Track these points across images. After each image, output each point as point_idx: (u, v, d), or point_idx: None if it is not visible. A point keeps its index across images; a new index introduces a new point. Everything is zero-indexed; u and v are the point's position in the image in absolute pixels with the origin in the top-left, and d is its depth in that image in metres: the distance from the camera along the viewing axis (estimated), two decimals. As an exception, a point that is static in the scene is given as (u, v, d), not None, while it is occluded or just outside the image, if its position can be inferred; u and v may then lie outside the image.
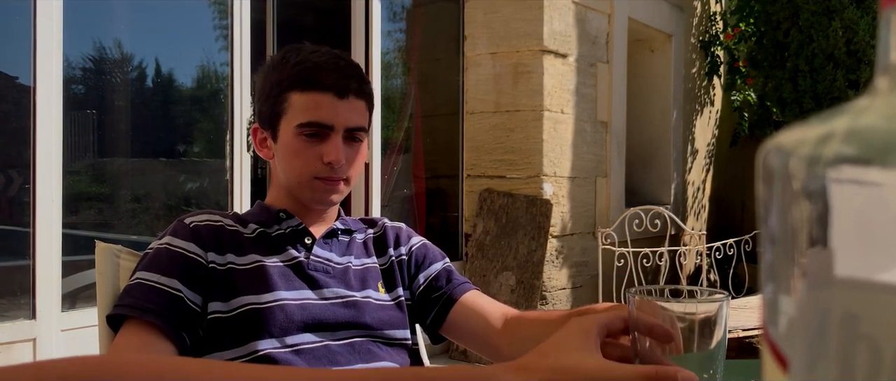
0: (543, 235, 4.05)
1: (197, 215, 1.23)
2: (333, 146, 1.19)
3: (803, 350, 0.24)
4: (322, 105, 1.18)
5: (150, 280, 1.12)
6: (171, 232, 1.19)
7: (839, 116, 0.24)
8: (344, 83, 1.19)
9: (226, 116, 3.43)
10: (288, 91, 1.19)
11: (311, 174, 1.20)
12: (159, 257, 1.15)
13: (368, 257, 1.30)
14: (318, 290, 1.20)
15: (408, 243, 1.34)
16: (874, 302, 0.22)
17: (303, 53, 1.21)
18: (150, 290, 1.11)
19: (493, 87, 4.28)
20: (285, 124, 1.20)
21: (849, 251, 0.22)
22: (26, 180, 2.65)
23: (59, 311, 2.67)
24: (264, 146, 1.27)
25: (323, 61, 1.20)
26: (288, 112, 1.20)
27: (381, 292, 1.27)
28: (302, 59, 1.20)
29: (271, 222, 1.25)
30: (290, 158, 1.21)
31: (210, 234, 1.19)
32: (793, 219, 0.24)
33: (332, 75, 1.19)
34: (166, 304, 1.10)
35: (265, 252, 1.21)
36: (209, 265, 1.16)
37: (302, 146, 1.19)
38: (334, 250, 1.26)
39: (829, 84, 4.60)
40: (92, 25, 3.11)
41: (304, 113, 1.18)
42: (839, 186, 0.22)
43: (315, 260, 1.23)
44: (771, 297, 0.25)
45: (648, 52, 5.54)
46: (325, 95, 1.18)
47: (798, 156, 0.23)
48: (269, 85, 1.22)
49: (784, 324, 0.24)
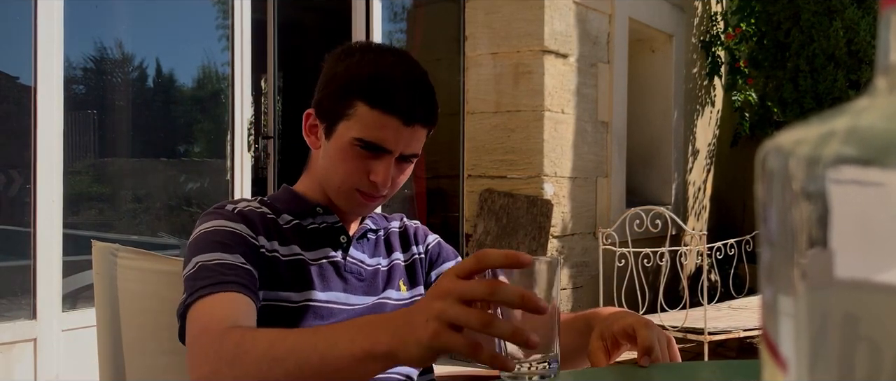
0: (544, 235, 4.05)
1: (235, 202, 1.19)
2: (385, 167, 1.14)
3: (803, 352, 0.24)
4: (386, 127, 1.12)
5: (214, 259, 1.05)
6: (217, 216, 1.13)
7: (839, 117, 0.24)
8: (414, 110, 1.13)
9: (226, 117, 3.43)
10: (356, 98, 1.13)
11: (353, 185, 1.16)
12: (214, 237, 1.09)
13: (393, 252, 1.29)
14: (347, 294, 1.19)
15: (425, 242, 1.34)
16: (874, 303, 0.22)
17: (382, 62, 1.15)
18: (219, 266, 1.04)
19: (494, 87, 4.28)
20: (344, 128, 1.14)
21: (849, 252, 0.22)
22: (27, 180, 2.65)
23: (60, 311, 2.67)
24: (313, 134, 1.21)
25: (400, 79, 1.13)
26: (350, 118, 1.14)
27: (403, 289, 1.26)
28: (380, 71, 1.13)
29: (306, 215, 1.21)
30: (337, 162, 1.16)
31: (257, 219, 1.15)
32: (792, 220, 0.24)
33: (405, 99, 1.12)
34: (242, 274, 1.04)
35: (304, 246, 1.18)
36: (260, 248, 1.12)
37: (354, 157, 1.14)
38: (366, 250, 1.25)
39: (829, 84, 4.60)
40: (93, 25, 3.11)
41: (366, 130, 1.12)
42: (839, 187, 0.22)
43: (351, 262, 1.21)
44: (770, 298, 0.25)
45: (649, 53, 5.54)
46: (393, 118, 1.12)
47: (797, 156, 0.23)
48: (337, 80, 1.16)
49: (783, 325, 0.24)
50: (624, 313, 1.07)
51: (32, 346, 2.59)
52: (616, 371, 1.01)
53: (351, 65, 1.16)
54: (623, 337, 1.02)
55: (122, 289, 1.27)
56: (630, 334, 1.01)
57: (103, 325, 1.26)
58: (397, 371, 1.20)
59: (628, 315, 1.05)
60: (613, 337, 1.03)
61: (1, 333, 2.51)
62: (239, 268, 1.05)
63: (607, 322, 1.05)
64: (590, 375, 1.03)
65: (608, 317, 1.07)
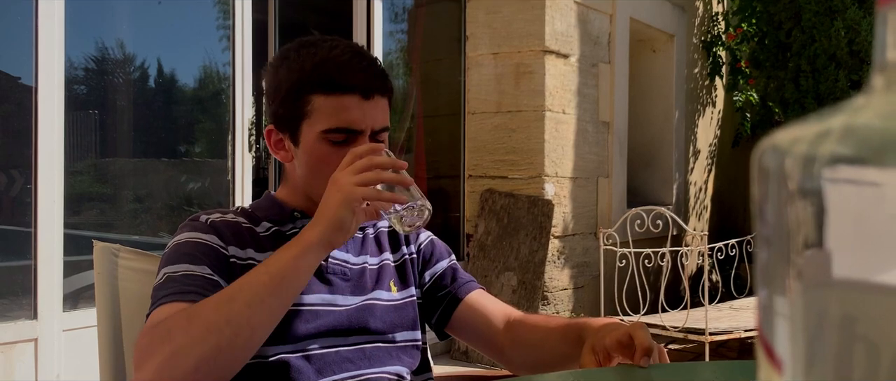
0: (545, 235, 4.04)
1: (210, 212, 1.19)
2: None
3: (798, 352, 0.23)
4: (348, 108, 1.11)
5: (180, 271, 1.07)
6: (188, 228, 1.15)
7: (835, 115, 0.24)
8: (369, 82, 1.12)
9: (228, 117, 3.44)
10: (310, 93, 1.12)
11: None
12: (183, 249, 1.11)
13: (382, 252, 1.28)
14: (333, 295, 1.18)
15: (416, 241, 1.33)
16: (871, 303, 0.22)
17: (321, 50, 1.14)
18: (184, 277, 1.06)
19: (495, 87, 4.28)
20: (308, 128, 1.13)
21: (845, 252, 0.22)
22: (28, 180, 2.65)
23: (61, 311, 2.67)
24: (281, 148, 1.20)
25: (345, 59, 1.13)
26: (311, 116, 1.13)
27: (393, 290, 1.25)
28: (322, 59, 1.13)
29: (285, 221, 1.21)
30: (316, 164, 1.15)
31: (228, 229, 1.15)
32: (788, 219, 0.23)
33: (356, 75, 1.12)
34: (205, 285, 1.06)
35: None
36: (230, 259, 1.12)
37: (328, 152, 1.13)
38: (350, 249, 1.23)
39: (831, 84, 4.59)
40: (94, 25, 3.11)
41: (330, 118, 1.12)
42: (835, 186, 0.22)
43: (333, 263, 1.20)
44: (766, 298, 0.25)
45: (650, 53, 5.53)
46: (351, 97, 1.11)
47: (794, 155, 0.23)
48: (286, 85, 1.14)
49: (779, 326, 0.24)
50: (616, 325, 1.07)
51: (33, 346, 2.59)
52: (616, 371, 1.01)
53: (291, 66, 1.15)
54: (616, 349, 1.01)
55: (122, 289, 1.27)
56: (624, 343, 1.00)
57: (104, 325, 1.26)
58: (388, 370, 1.19)
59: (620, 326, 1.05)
60: (605, 350, 1.02)
61: (2, 333, 2.51)
62: (203, 279, 1.06)
63: (599, 335, 1.04)
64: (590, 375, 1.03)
65: (600, 329, 1.06)
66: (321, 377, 1.12)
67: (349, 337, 1.17)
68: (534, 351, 1.22)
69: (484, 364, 3.72)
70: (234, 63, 3.40)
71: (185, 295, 1.03)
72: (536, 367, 1.22)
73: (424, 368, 1.28)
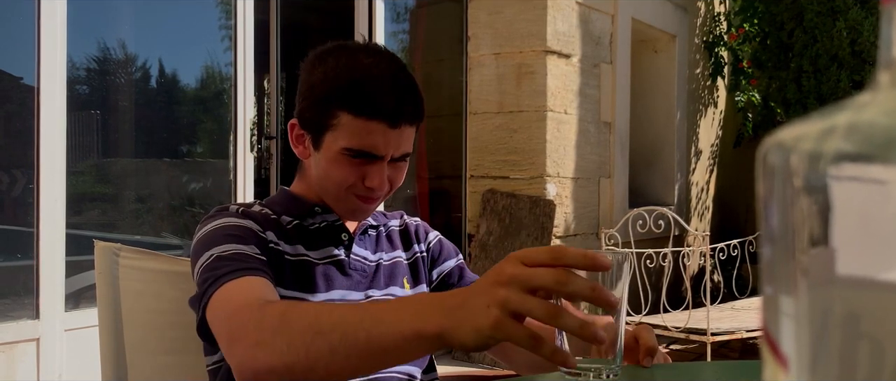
0: (547, 235, 4.04)
1: (237, 205, 1.18)
2: (378, 172, 1.13)
3: (804, 350, 0.23)
4: (373, 133, 1.10)
5: (229, 251, 1.03)
6: (221, 216, 1.12)
7: (840, 112, 0.24)
8: (399, 110, 1.10)
9: (229, 117, 3.44)
10: (338, 108, 1.10)
11: (350, 192, 1.15)
12: (225, 231, 1.08)
13: (395, 250, 1.28)
14: (354, 292, 1.18)
15: (426, 239, 1.33)
16: (876, 301, 0.22)
17: (358, 63, 1.11)
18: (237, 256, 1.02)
19: (497, 87, 4.28)
20: (331, 139, 1.12)
21: (850, 250, 0.22)
22: (30, 180, 2.65)
23: (63, 311, 2.67)
24: (300, 144, 1.19)
25: (380, 82, 1.10)
26: (336, 129, 1.11)
27: (406, 287, 1.25)
28: (358, 76, 1.10)
29: (306, 215, 1.20)
30: (331, 171, 1.14)
31: (261, 217, 1.14)
32: (793, 217, 0.23)
33: (388, 100, 1.09)
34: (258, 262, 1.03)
35: (308, 246, 1.17)
36: (270, 243, 1.11)
37: (345, 165, 1.12)
38: (368, 246, 1.24)
39: (833, 85, 4.59)
40: (96, 26, 3.12)
41: (353, 139, 1.10)
42: (840, 184, 0.22)
43: (355, 259, 1.21)
44: (771, 296, 0.25)
45: (652, 53, 5.53)
46: (379, 123, 1.09)
47: (799, 152, 0.23)
48: (316, 91, 1.13)
49: (784, 323, 0.24)
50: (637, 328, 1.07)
51: (35, 346, 2.60)
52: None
53: (328, 71, 1.12)
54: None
55: (124, 289, 1.27)
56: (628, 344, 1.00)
57: (105, 325, 1.26)
58: (400, 370, 1.19)
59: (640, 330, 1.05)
60: None
61: (4, 332, 2.51)
62: (256, 258, 1.04)
63: None
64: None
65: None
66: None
67: None
68: None
69: (485, 364, 3.72)
70: (235, 63, 3.40)
71: (248, 271, 0.99)
72: (540, 367, 1.22)
73: (431, 367, 1.28)
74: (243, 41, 3.39)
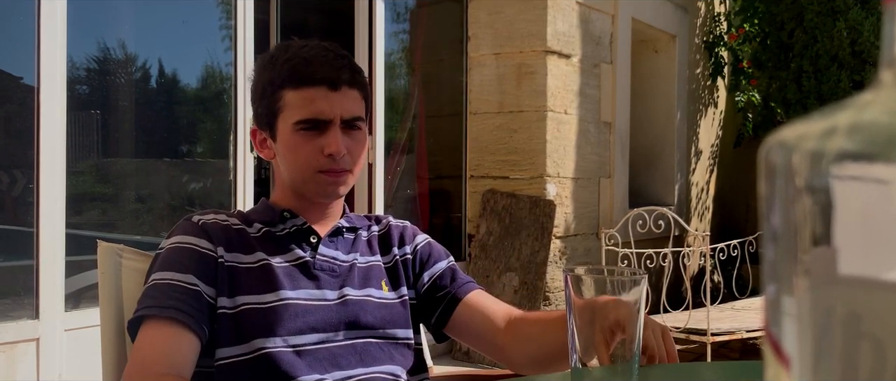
0: (547, 235, 4.04)
1: (203, 213, 1.24)
2: (333, 138, 1.18)
3: (806, 349, 0.23)
4: (316, 99, 1.18)
5: (166, 279, 1.13)
6: (180, 231, 1.20)
7: (842, 111, 0.24)
8: (335, 74, 1.18)
9: (229, 117, 3.44)
10: (281, 89, 1.19)
11: (313, 168, 1.20)
12: (171, 255, 1.16)
13: (373, 255, 1.29)
14: (322, 290, 1.20)
15: (413, 242, 1.33)
16: (878, 301, 0.22)
17: (292, 50, 1.21)
18: (168, 287, 1.12)
19: (497, 87, 4.28)
20: (282, 123, 1.20)
21: (852, 249, 0.22)
22: (30, 180, 2.65)
23: (63, 311, 2.67)
24: (265, 147, 1.27)
25: (312, 55, 1.19)
26: (284, 110, 1.19)
27: (385, 289, 1.26)
28: (291, 56, 1.19)
29: (276, 221, 1.25)
30: (291, 155, 1.20)
31: (218, 230, 1.20)
32: (795, 216, 0.23)
33: (322, 68, 1.18)
34: (185, 298, 1.11)
35: (271, 251, 1.21)
36: (219, 260, 1.17)
37: (301, 142, 1.19)
38: (340, 247, 1.26)
39: (833, 85, 4.59)
40: (96, 25, 3.12)
41: (300, 109, 1.18)
42: (842, 183, 0.22)
43: (321, 259, 1.23)
44: (773, 296, 0.25)
45: (652, 53, 5.53)
46: (318, 88, 1.18)
47: (801, 151, 0.23)
48: (262, 85, 1.22)
49: (786, 323, 0.24)
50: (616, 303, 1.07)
51: (35, 346, 2.60)
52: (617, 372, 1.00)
53: (267, 67, 1.22)
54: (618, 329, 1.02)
55: (126, 290, 1.27)
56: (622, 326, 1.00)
57: (107, 325, 1.26)
58: (383, 369, 1.19)
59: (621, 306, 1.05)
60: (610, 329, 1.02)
61: (4, 332, 2.51)
62: (186, 291, 1.12)
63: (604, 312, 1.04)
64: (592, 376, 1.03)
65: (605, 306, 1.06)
66: (313, 373, 1.13)
67: (338, 333, 1.18)
68: (535, 344, 1.22)
69: (485, 364, 3.72)
70: (235, 63, 3.40)
71: (164, 310, 1.09)
72: (539, 362, 1.21)
73: (420, 368, 1.28)
74: (243, 41, 3.39)
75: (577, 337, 0.83)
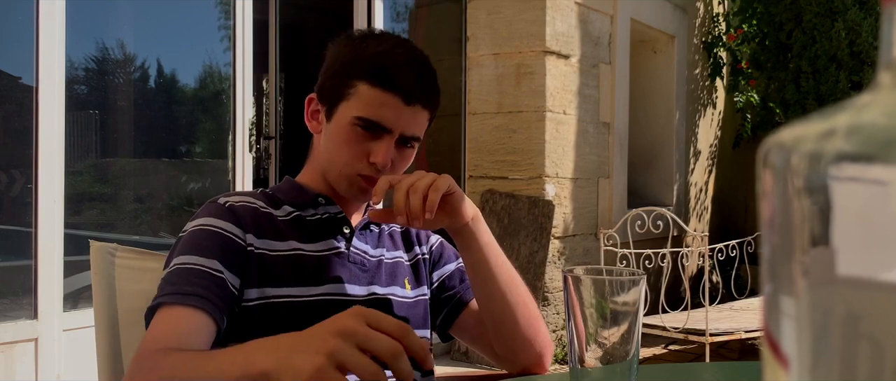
0: (545, 236, 4.04)
1: (230, 195, 1.18)
2: (384, 148, 1.14)
3: (805, 350, 0.23)
4: (386, 105, 1.13)
5: (188, 263, 1.06)
6: (206, 213, 1.13)
7: (841, 112, 0.24)
8: (415, 89, 1.14)
9: (228, 117, 3.44)
10: (358, 78, 1.14)
11: (354, 169, 1.15)
12: (195, 238, 1.10)
13: (397, 250, 1.28)
14: (352, 285, 1.17)
15: (428, 242, 1.33)
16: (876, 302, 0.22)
17: (384, 44, 1.17)
18: (189, 272, 1.05)
19: (496, 87, 4.28)
20: (344, 109, 1.15)
21: (851, 250, 0.22)
22: (29, 180, 2.65)
23: (61, 311, 2.67)
24: (314, 119, 1.22)
25: (402, 61, 1.15)
26: (350, 99, 1.14)
27: (407, 288, 1.25)
28: (382, 51, 1.15)
29: (307, 205, 1.20)
30: (338, 144, 1.16)
31: (248, 214, 1.14)
32: (794, 217, 0.23)
33: (406, 78, 1.14)
34: (208, 285, 1.04)
35: (303, 239, 1.16)
36: (248, 248, 1.11)
37: (353, 138, 1.14)
38: (369, 241, 1.23)
39: (832, 86, 4.59)
40: (95, 25, 3.12)
41: (366, 107, 1.13)
42: (841, 184, 0.22)
43: (355, 252, 1.20)
44: (772, 296, 0.25)
45: (651, 54, 5.54)
46: (394, 96, 1.13)
47: (799, 153, 0.23)
48: (339, 63, 1.17)
49: (785, 324, 0.24)
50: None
51: (33, 346, 2.59)
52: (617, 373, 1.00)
53: (353, 48, 1.17)
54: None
55: (120, 289, 1.26)
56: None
57: (102, 325, 1.26)
58: None
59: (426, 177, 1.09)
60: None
61: (2, 333, 2.51)
62: (210, 276, 1.05)
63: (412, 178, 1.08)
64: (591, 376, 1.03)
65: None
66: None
67: None
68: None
69: (484, 364, 3.72)
70: (234, 63, 3.40)
71: (186, 297, 1.02)
72: None
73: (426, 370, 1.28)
74: (242, 41, 3.39)
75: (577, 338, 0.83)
